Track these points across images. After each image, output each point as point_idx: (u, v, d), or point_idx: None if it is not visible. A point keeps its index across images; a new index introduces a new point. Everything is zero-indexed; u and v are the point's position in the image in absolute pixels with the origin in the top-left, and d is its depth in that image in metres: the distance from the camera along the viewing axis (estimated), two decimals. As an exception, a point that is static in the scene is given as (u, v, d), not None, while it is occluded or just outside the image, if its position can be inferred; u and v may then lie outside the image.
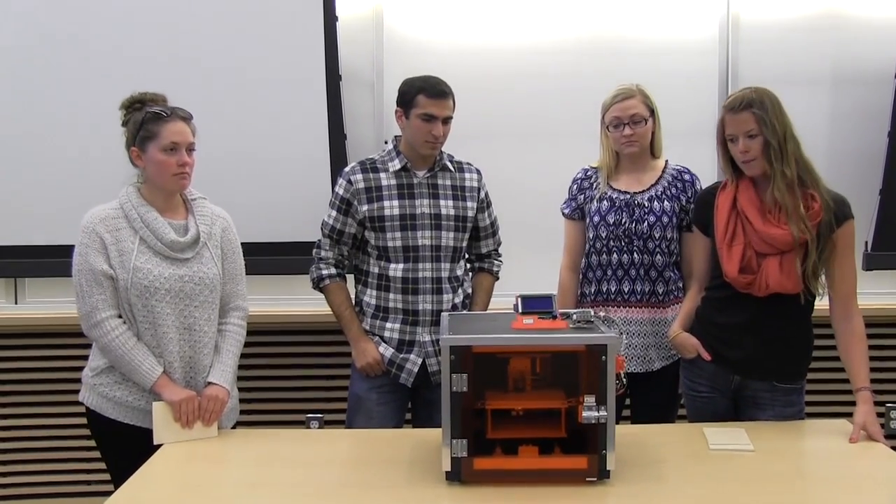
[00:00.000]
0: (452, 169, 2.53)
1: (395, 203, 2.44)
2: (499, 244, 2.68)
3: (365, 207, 2.44)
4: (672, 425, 2.33)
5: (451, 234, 2.48)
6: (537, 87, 3.26)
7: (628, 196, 2.48)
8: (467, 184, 2.54)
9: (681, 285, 2.51)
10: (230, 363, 2.19)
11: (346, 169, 2.53)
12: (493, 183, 2.64)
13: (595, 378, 1.75)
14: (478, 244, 2.62)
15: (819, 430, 2.13)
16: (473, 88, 3.04)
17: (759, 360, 2.18)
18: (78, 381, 2.21)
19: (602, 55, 3.26)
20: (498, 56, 3.29)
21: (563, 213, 2.60)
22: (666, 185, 2.50)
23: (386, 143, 2.63)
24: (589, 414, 1.74)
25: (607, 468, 1.77)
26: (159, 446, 2.04)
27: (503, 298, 2.61)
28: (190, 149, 2.12)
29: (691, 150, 3.16)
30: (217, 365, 2.17)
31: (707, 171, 3.05)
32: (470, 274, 2.64)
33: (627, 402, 2.50)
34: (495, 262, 2.66)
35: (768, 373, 2.19)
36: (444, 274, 2.47)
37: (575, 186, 2.58)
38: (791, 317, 2.17)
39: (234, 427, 2.28)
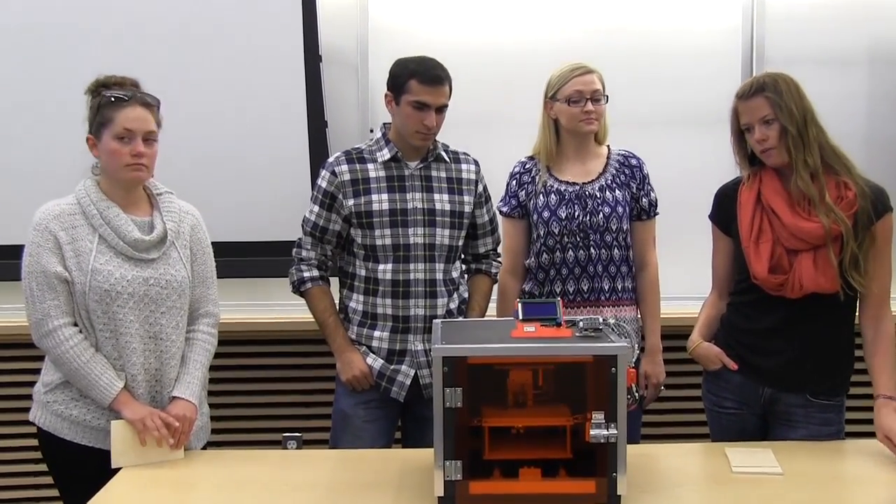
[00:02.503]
0: (447, 159, 2.53)
1: (385, 197, 2.44)
2: (498, 243, 2.68)
3: (351, 202, 2.45)
4: (690, 445, 2.32)
5: (446, 232, 2.48)
6: (541, 70, 3.25)
7: (577, 187, 2.51)
8: (464, 176, 2.54)
9: (632, 285, 2.55)
10: (198, 375, 2.19)
11: (330, 160, 2.53)
12: (490, 176, 2.63)
13: (604, 392, 1.75)
14: (475, 243, 2.62)
15: (856, 452, 2.12)
16: (470, 71, 3.04)
17: (793, 368, 2.18)
18: (28, 397, 2.20)
19: (610, 36, 3.26)
20: (499, 34, 3.29)
21: (502, 212, 2.62)
22: (614, 172, 2.55)
23: (371, 131, 2.63)
24: (597, 432, 1.74)
25: (618, 493, 1.77)
26: (118, 470, 2.03)
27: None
28: (148, 138, 2.11)
29: (709, 139, 3.17)
30: (183, 377, 2.17)
31: (727, 161, 3.05)
32: (466, 276, 2.64)
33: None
34: (494, 263, 2.66)
35: (803, 384, 2.19)
36: (438, 276, 2.47)
37: (514, 182, 2.60)
38: (829, 320, 2.17)
39: (203, 448, 2.28)
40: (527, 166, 2.60)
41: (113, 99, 2.09)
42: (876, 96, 3.30)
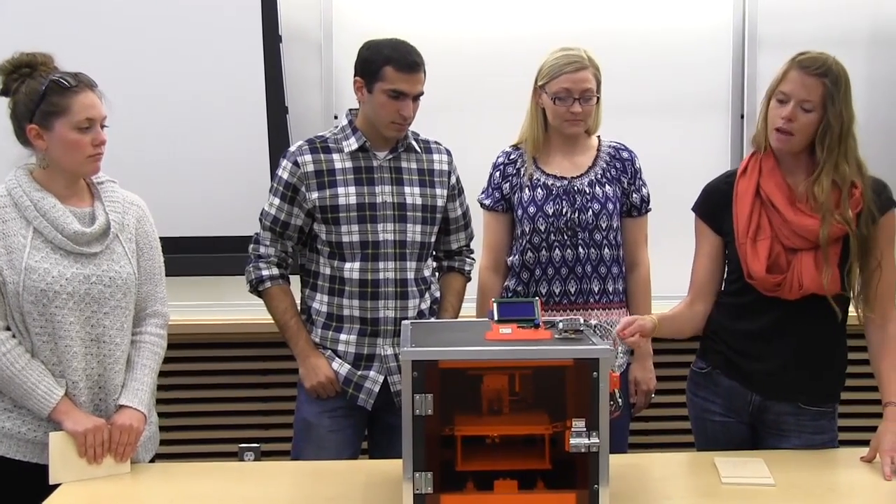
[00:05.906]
0: (418, 149, 2.54)
1: (352, 190, 2.45)
2: (471, 238, 2.70)
3: (315, 195, 2.45)
4: (677, 454, 2.35)
5: (418, 227, 2.49)
6: (523, 51, 3.25)
7: (566, 182, 2.54)
8: (436, 167, 2.55)
9: (624, 287, 2.57)
10: (146, 381, 2.18)
11: (292, 148, 2.53)
12: (463, 166, 2.64)
13: (585, 398, 1.77)
14: (447, 239, 2.64)
15: (851, 461, 2.15)
16: (443, 51, 3.04)
17: (785, 374, 2.21)
18: (-43, 408, 2.19)
19: (594, 17, 3.29)
20: (477, 10, 3.29)
21: (484, 205, 2.63)
22: (605, 165, 2.58)
23: (336, 117, 2.63)
24: (578, 441, 1.76)
25: (600, 506, 1.79)
26: (57, 486, 2.01)
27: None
28: (104, 124, 2.10)
29: (697, 127, 3.20)
30: (130, 383, 2.16)
31: (715, 148, 3.10)
32: (437, 274, 2.65)
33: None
34: (467, 259, 2.68)
35: (795, 391, 2.22)
36: (409, 275, 2.48)
37: (498, 173, 2.62)
38: (825, 324, 2.19)
39: (151, 460, 2.27)
40: (511, 157, 2.61)
41: (67, 84, 2.06)
42: (876, 80, 3.34)
